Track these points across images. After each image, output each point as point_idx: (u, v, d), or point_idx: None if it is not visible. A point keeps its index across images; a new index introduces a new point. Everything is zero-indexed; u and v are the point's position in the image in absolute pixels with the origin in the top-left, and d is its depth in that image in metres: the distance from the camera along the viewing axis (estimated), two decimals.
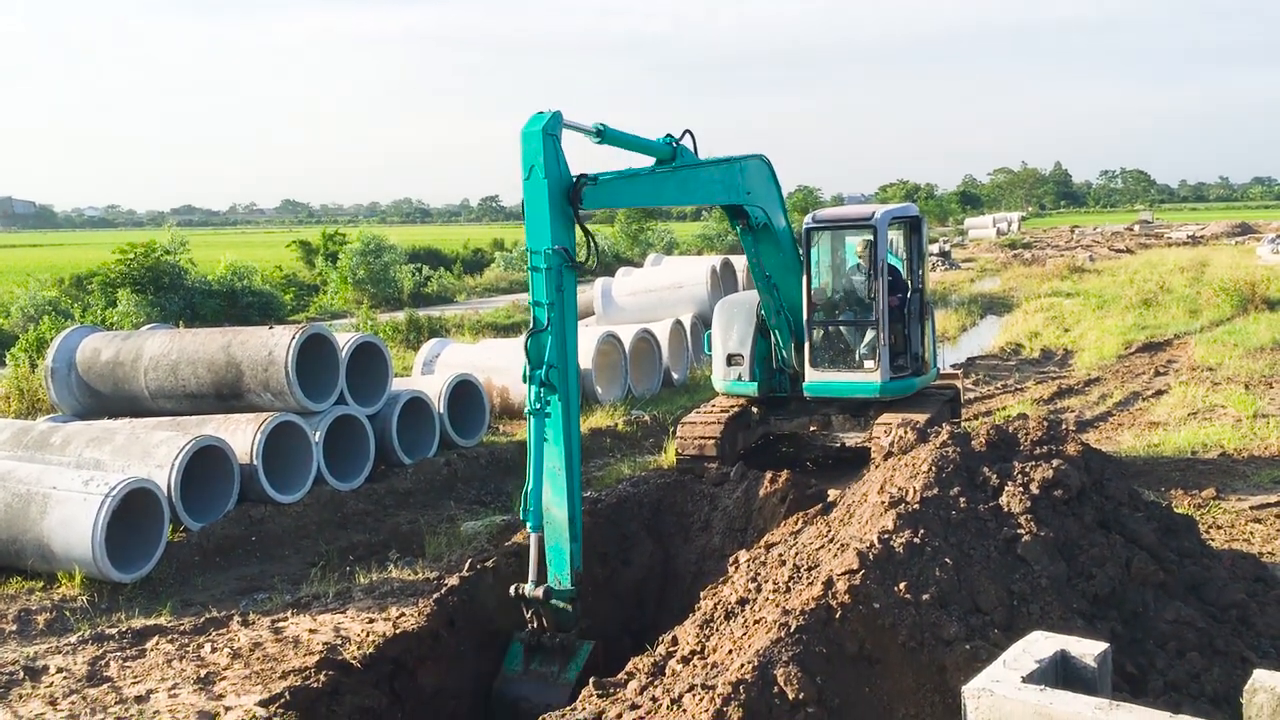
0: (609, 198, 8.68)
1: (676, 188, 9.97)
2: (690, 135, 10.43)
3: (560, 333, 7.83)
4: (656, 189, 9.81)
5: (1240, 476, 11.45)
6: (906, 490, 6.21)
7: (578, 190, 7.90)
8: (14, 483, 10.11)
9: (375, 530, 11.62)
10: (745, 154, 11.31)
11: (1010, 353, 22.61)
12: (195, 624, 8.68)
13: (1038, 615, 5.40)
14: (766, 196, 11.50)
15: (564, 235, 7.87)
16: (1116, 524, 6.25)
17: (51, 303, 27.73)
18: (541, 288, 7.81)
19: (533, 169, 7.78)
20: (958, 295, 35.71)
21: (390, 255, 37.77)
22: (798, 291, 12.20)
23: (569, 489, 7.75)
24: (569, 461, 7.77)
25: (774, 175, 11.71)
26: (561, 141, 7.94)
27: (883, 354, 11.93)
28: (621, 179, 8.94)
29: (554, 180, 7.79)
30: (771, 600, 5.97)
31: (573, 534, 7.72)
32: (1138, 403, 16.15)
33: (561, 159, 7.88)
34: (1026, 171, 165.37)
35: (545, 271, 7.79)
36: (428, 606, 8.08)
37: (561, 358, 7.83)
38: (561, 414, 7.77)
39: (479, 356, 17.42)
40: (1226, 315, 25.13)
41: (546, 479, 7.81)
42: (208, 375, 12.41)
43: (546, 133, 7.72)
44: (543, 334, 7.79)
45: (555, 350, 7.78)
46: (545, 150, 7.73)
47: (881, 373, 11.93)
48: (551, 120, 7.80)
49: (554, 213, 7.78)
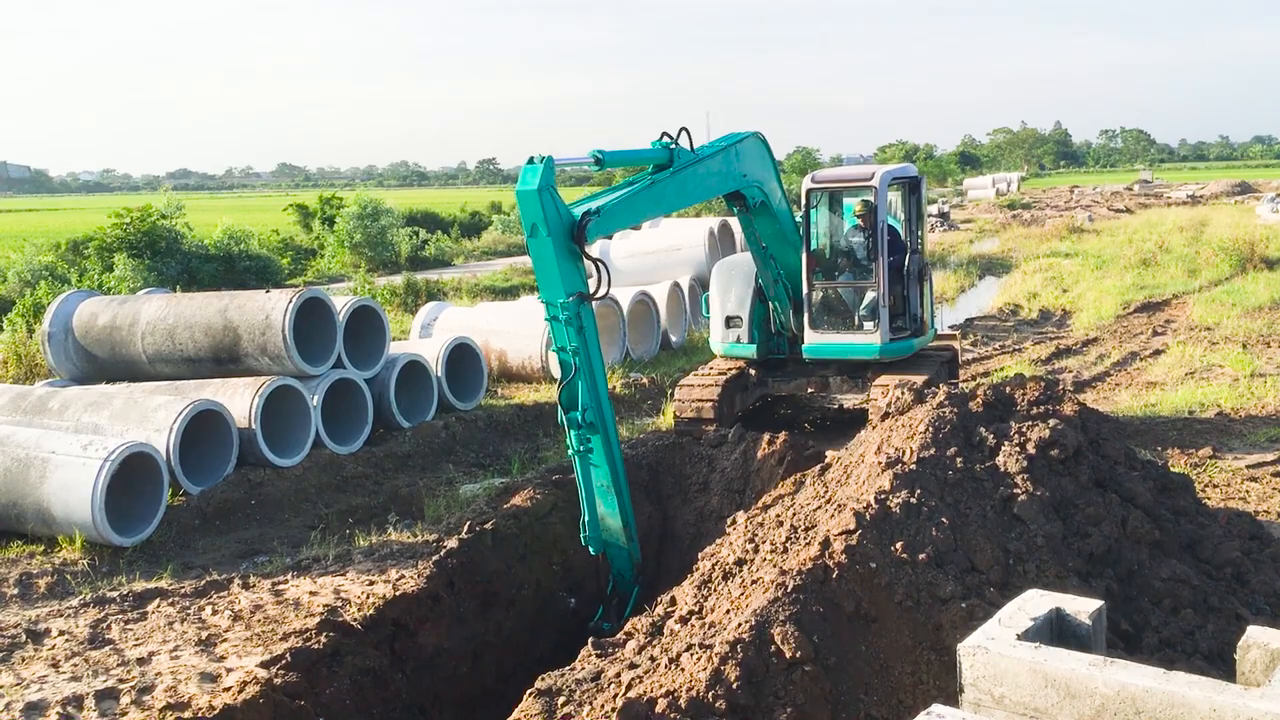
0: (612, 224, 8.86)
1: (676, 192, 9.94)
2: (686, 133, 10.38)
3: (589, 371, 8.05)
4: (656, 200, 9.76)
5: (1237, 435, 11.48)
6: (903, 451, 6.23)
7: (582, 229, 7.98)
8: (13, 447, 10.12)
9: (374, 493, 11.65)
10: (740, 133, 11.22)
11: (1008, 313, 22.60)
12: (196, 587, 8.73)
13: (1033, 574, 5.43)
14: (763, 174, 11.45)
15: (575, 279, 8.00)
16: (1112, 483, 6.27)
17: (48, 268, 27.62)
18: (563, 335, 7.99)
19: (535, 227, 7.82)
20: (956, 256, 35.65)
21: (387, 219, 37.60)
22: (795, 261, 12.16)
23: (620, 501, 8.31)
24: (615, 480, 8.24)
25: (769, 151, 11.64)
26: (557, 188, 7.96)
27: (882, 315, 11.91)
28: (622, 204, 8.96)
29: (557, 231, 7.86)
30: (769, 560, 6.00)
31: (629, 535, 8.45)
32: (1135, 362, 16.16)
33: (561, 206, 7.94)
34: (1026, 131, 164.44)
35: (564, 321, 7.95)
36: (427, 568, 8.12)
37: (594, 394, 8.08)
38: (603, 445, 8.13)
39: (477, 320, 17.39)
40: (1225, 275, 25.11)
41: (598, 498, 8.33)
42: (205, 339, 12.40)
43: (542, 190, 7.75)
44: (574, 379, 8.01)
45: (587, 391, 8.02)
46: (544, 206, 7.77)
47: (881, 334, 11.92)
48: (545, 174, 7.79)
49: (562, 264, 7.89)
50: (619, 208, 8.84)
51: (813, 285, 12.19)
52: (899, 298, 12.26)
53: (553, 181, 7.95)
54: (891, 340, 12.00)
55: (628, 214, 9.19)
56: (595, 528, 8.33)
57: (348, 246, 36.42)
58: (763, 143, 11.42)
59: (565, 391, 8.06)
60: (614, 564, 8.58)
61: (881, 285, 11.91)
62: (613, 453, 8.26)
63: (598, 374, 8.18)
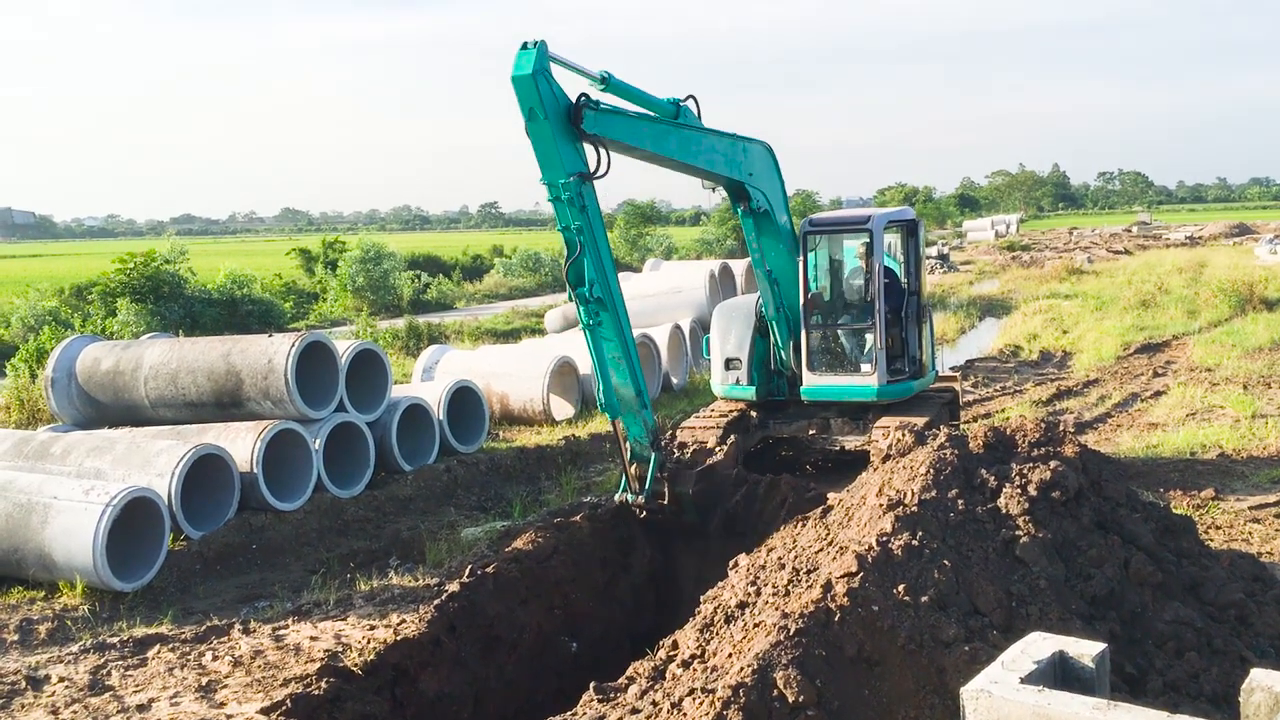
0: (608, 128, 9.08)
1: (678, 143, 10.30)
2: (694, 100, 10.70)
3: (594, 248, 8.59)
4: (658, 137, 10.12)
5: (1239, 477, 11.47)
6: (905, 493, 6.23)
7: (578, 110, 8.42)
8: (15, 492, 10.12)
9: (376, 537, 11.63)
10: (750, 136, 11.34)
11: (1009, 355, 22.63)
12: (196, 632, 8.69)
13: (1036, 616, 5.41)
14: (769, 184, 11.57)
15: (575, 160, 8.45)
16: (1115, 525, 6.26)
17: (51, 313, 27.75)
18: (567, 215, 8.48)
19: (531, 111, 8.21)
20: (956, 298, 35.74)
21: (390, 262, 37.80)
22: (797, 289, 12.23)
23: (631, 371, 9.00)
24: (626, 350, 8.90)
25: (777, 166, 11.74)
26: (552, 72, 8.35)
27: (879, 357, 11.93)
28: (623, 113, 9.40)
29: (554, 114, 8.23)
30: (771, 603, 5.98)
31: (642, 403, 9.15)
32: (1136, 404, 16.17)
33: (557, 90, 8.33)
34: (1024, 174, 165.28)
35: (566, 201, 8.43)
36: (428, 613, 8.09)
37: (600, 270, 8.63)
38: (612, 320, 8.75)
39: (479, 363, 17.44)
40: (1225, 316, 25.15)
41: (611, 369, 8.96)
42: (208, 384, 12.43)
43: (536, 74, 8.14)
44: (580, 257, 8.55)
45: (593, 267, 8.59)
46: (540, 90, 8.16)
47: (878, 376, 11.93)
48: (538, 59, 8.18)
49: (561, 146, 8.30)
50: (621, 115, 9.34)
51: (810, 327, 12.22)
52: (897, 339, 12.29)
53: (547, 66, 8.31)
54: (889, 382, 12.01)
55: (627, 128, 9.51)
56: (611, 396, 9.06)
57: (350, 290, 36.56)
58: (770, 153, 11.57)
59: (572, 269, 8.60)
60: (630, 431, 9.24)
61: (878, 327, 11.94)
62: (621, 326, 8.82)
63: (603, 252, 8.69)
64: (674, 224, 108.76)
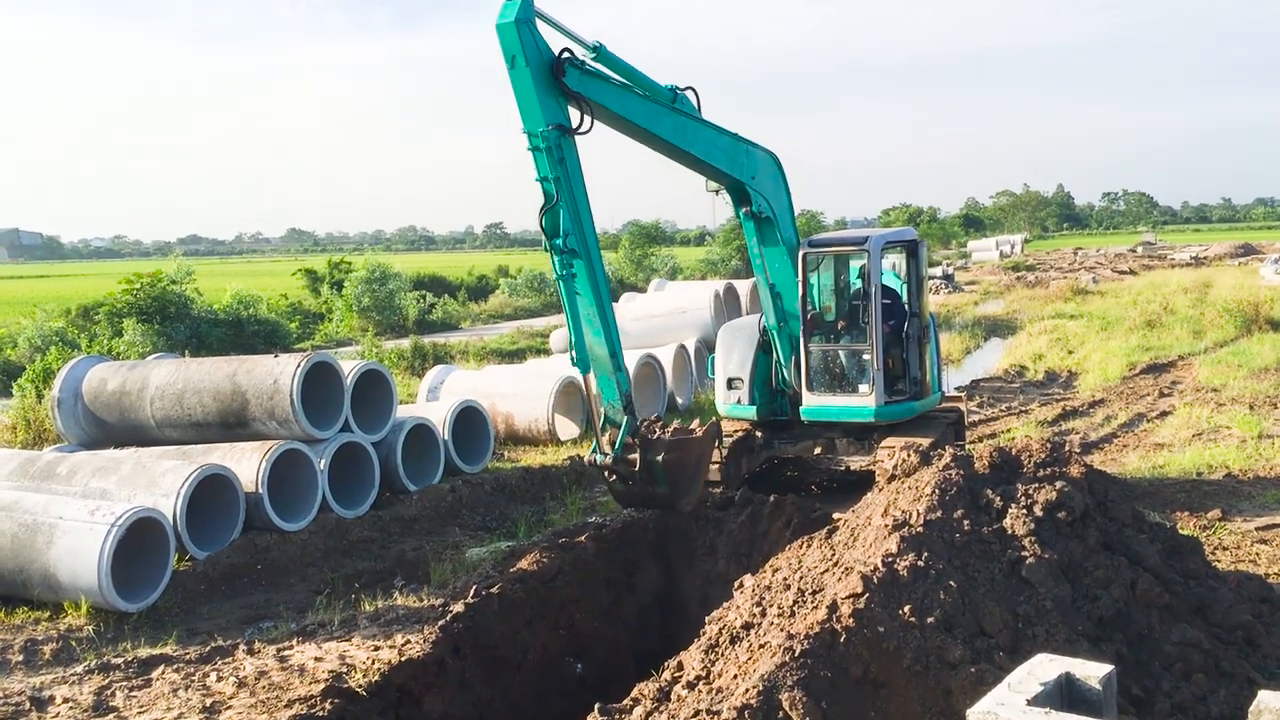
0: (592, 90, 9.23)
1: (674, 127, 10.41)
2: (694, 92, 10.78)
3: (570, 200, 8.72)
4: (651, 114, 10.21)
5: (1246, 497, 11.43)
6: (910, 513, 6.22)
7: (560, 64, 8.67)
8: (20, 513, 10.13)
9: (380, 557, 11.61)
10: (756, 142, 11.36)
11: (1014, 375, 22.60)
12: (201, 653, 8.68)
13: (1043, 638, 5.40)
14: (774, 193, 11.57)
15: (556, 112, 8.63)
16: (1121, 546, 6.25)
17: (58, 333, 27.81)
18: (544, 164, 8.62)
19: (514, 58, 8.39)
20: (961, 318, 35.74)
21: (395, 283, 37.90)
22: (798, 302, 12.24)
23: (605, 331, 8.97)
24: (601, 308, 8.92)
25: (783, 177, 11.75)
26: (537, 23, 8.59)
27: (877, 378, 11.89)
28: (611, 80, 9.49)
29: (536, 64, 8.43)
30: (776, 624, 5.97)
31: (616, 365, 9.15)
32: (1142, 424, 16.13)
33: (540, 41, 8.54)
34: (1029, 194, 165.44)
35: (545, 150, 8.58)
36: (433, 633, 8.08)
37: (576, 221, 8.74)
38: (587, 273, 8.81)
39: (483, 383, 17.45)
40: (1230, 336, 25.13)
41: (585, 325, 8.95)
42: (213, 404, 12.45)
43: (520, 22, 8.38)
44: (555, 207, 8.67)
45: (569, 218, 8.72)
46: (523, 38, 8.37)
47: (876, 396, 11.88)
48: (523, 7, 8.42)
49: (541, 94, 8.49)
50: (608, 82, 9.44)
51: (810, 347, 12.22)
52: (898, 360, 12.25)
53: (531, 16, 8.53)
54: (888, 403, 11.96)
55: (614, 95, 9.59)
56: (582, 350, 9.06)
57: (356, 310, 36.66)
58: (776, 163, 11.60)
59: (548, 218, 8.72)
60: (604, 394, 9.25)
61: (875, 348, 11.89)
62: (597, 282, 8.88)
63: (580, 205, 8.82)
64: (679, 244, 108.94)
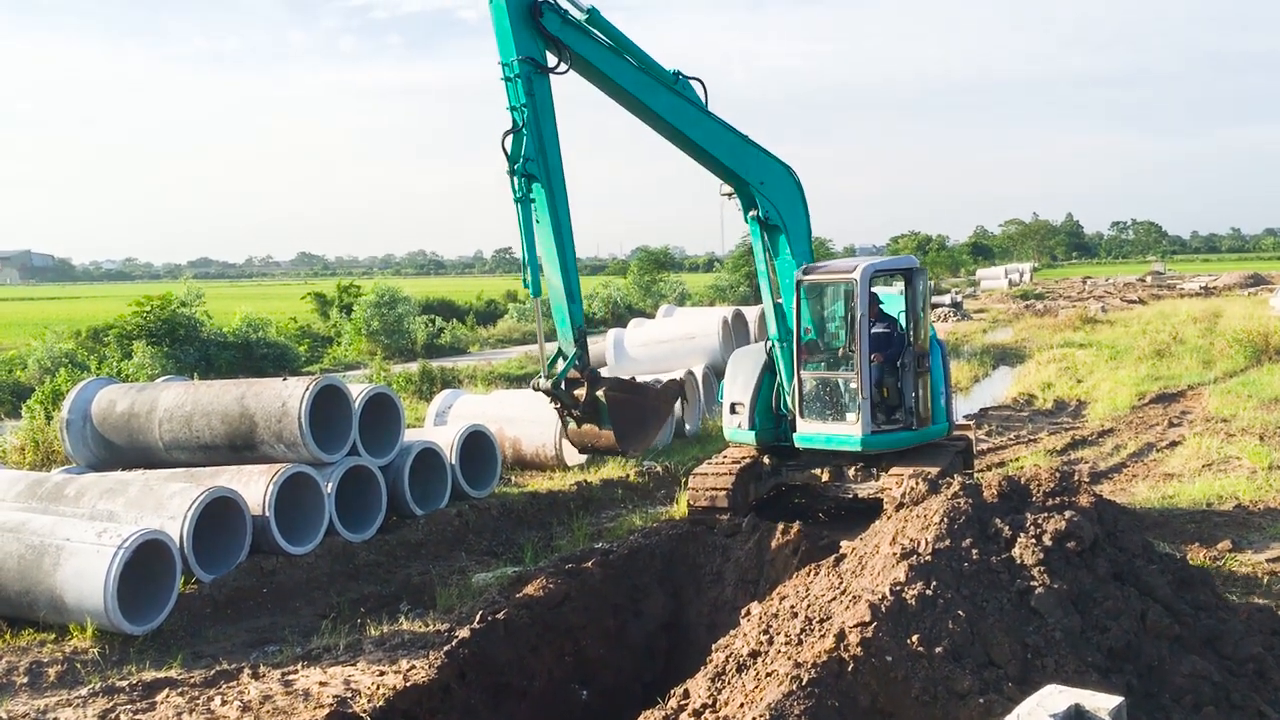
0: (575, 41, 9.81)
1: (670, 105, 11.02)
2: (701, 84, 11.05)
3: (535, 130, 9.20)
4: (642, 85, 10.55)
5: (1256, 529, 11.37)
6: (918, 542, 6.19)
7: (537, 6, 9.32)
8: (28, 534, 10.14)
9: (386, 582, 11.60)
10: (775, 155, 11.41)
11: (1023, 403, 22.55)
12: (205, 676, 8.66)
13: (1052, 669, 5.36)
14: (787, 206, 11.66)
15: (529, 46, 9.25)
16: (1131, 576, 6.21)
17: (68, 355, 27.93)
18: (512, 93, 9.17)
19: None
20: (970, 346, 35.71)
21: (404, 307, 38.04)
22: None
23: (562, 263, 9.27)
24: (559, 239, 9.24)
25: (800, 192, 11.79)
26: None
27: (864, 407, 11.85)
28: (606, 46, 10.05)
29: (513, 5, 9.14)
30: (783, 653, 5.93)
31: (570, 296, 9.41)
32: (1152, 454, 16.07)
33: None
34: (1038, 223, 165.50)
35: (514, 80, 9.16)
36: (438, 659, 8.05)
37: (539, 150, 9.20)
38: (546, 199, 9.21)
39: (491, 407, 17.46)
40: (1240, 366, 25.05)
41: (544, 257, 9.33)
42: (222, 427, 12.47)
43: None
44: (518, 133, 9.15)
45: (532, 145, 9.21)
46: None
47: (862, 425, 11.84)
48: None
49: (516, 26, 9.11)
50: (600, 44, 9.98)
51: (802, 374, 12.22)
52: (892, 390, 12.21)
53: None
54: (874, 432, 11.90)
55: (600, 54, 10.09)
56: (535, 274, 9.43)
57: (365, 334, 36.77)
58: (791, 177, 11.69)
59: (514, 142, 9.16)
60: (558, 324, 9.62)
61: (862, 376, 11.83)
62: (558, 213, 9.23)
63: (547, 139, 9.26)
64: (687, 270, 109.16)
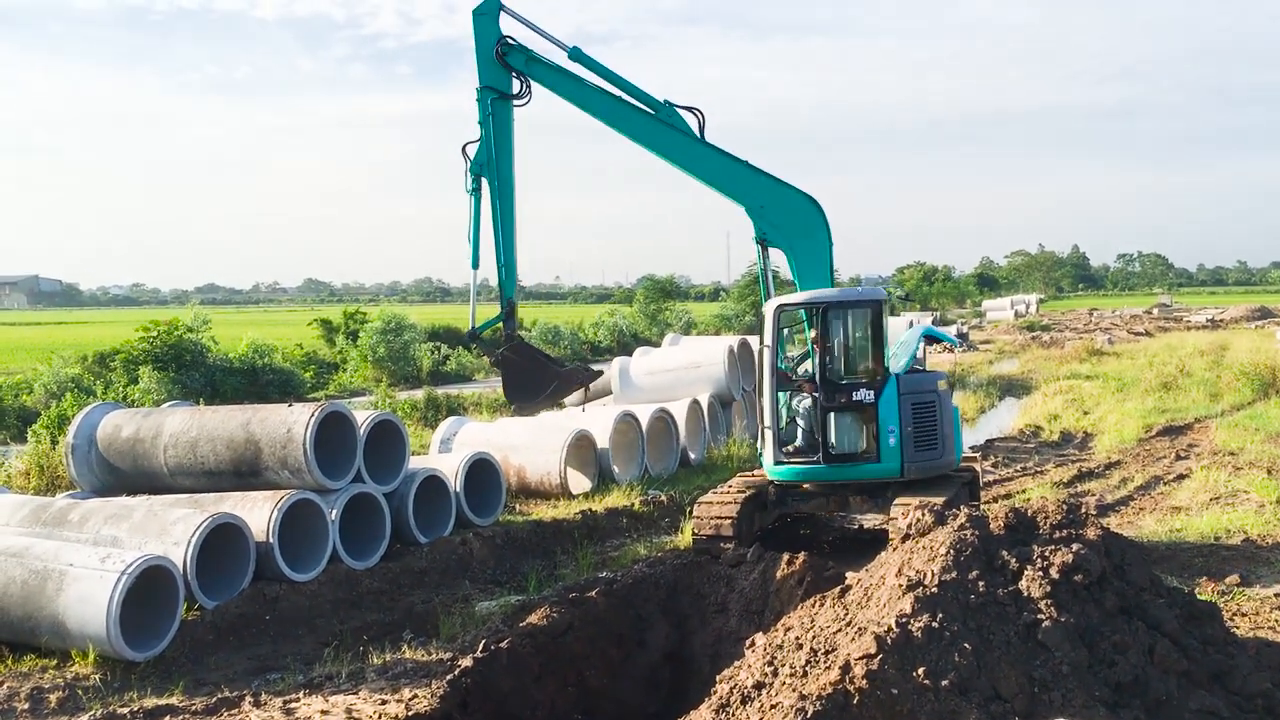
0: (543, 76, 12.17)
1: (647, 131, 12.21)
2: (697, 114, 11.65)
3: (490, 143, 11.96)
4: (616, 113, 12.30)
5: (1265, 563, 11.30)
6: (924, 573, 6.17)
7: (498, 49, 11.94)
8: (31, 559, 10.13)
9: (390, 610, 11.55)
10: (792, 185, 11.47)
11: (1029, 435, 22.50)
12: (207, 704, 8.61)
13: (1059, 703, 5.33)
14: (799, 234, 11.86)
15: (492, 77, 11.97)
16: (1138, 610, 6.18)
17: (74, 380, 27.99)
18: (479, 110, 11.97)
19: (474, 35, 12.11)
20: (976, 377, 35.66)
21: (410, 334, 38.12)
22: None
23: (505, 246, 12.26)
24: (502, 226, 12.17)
25: (822, 222, 11.93)
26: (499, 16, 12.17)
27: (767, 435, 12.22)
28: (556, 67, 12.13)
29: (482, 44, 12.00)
30: (788, 685, 5.90)
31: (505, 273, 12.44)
32: (1159, 487, 16.01)
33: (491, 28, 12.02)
34: (1044, 254, 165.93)
35: (478, 101, 11.99)
36: (441, 688, 8.01)
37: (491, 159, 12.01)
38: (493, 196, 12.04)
39: (496, 435, 17.45)
40: (1247, 399, 24.99)
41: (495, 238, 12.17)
42: (226, 452, 12.46)
43: (477, 14, 11.98)
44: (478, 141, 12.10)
45: (484, 151, 12.06)
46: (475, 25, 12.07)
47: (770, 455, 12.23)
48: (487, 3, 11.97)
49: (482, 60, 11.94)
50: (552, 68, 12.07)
51: (776, 404, 12.26)
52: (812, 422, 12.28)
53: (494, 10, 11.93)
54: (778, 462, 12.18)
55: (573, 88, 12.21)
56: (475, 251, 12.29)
57: (370, 361, 36.84)
58: (814, 207, 11.88)
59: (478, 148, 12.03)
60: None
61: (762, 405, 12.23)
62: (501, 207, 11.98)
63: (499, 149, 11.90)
64: (693, 299, 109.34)
